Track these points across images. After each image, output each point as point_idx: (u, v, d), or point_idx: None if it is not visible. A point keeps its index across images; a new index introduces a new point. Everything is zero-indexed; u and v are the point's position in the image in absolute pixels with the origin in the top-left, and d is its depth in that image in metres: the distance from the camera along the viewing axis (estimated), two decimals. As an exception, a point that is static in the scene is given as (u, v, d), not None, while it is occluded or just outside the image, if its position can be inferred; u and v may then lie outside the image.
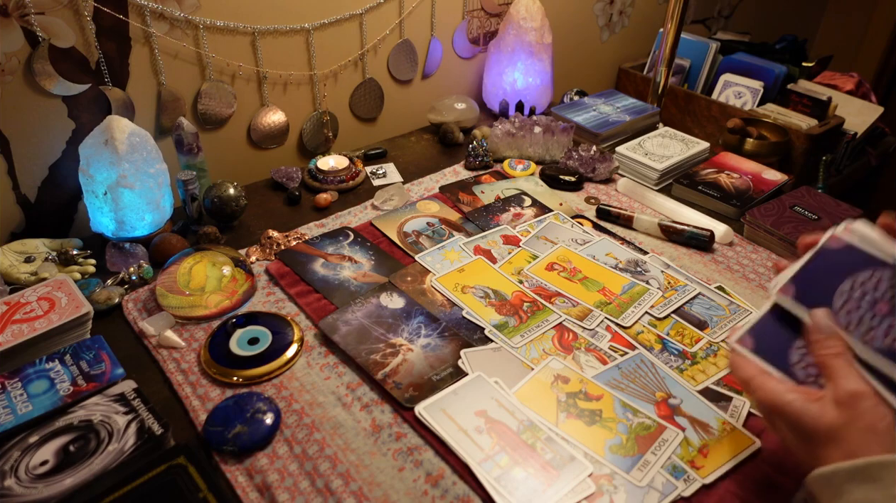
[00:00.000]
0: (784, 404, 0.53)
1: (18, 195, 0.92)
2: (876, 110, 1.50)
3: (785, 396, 0.53)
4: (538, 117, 1.19)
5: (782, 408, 0.53)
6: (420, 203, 1.03)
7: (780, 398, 0.53)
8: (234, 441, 0.62)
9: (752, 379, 0.56)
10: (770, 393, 0.54)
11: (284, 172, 1.09)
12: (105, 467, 0.58)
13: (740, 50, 1.58)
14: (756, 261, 0.93)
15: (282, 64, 1.09)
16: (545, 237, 0.95)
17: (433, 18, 1.26)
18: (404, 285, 0.84)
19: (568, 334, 0.77)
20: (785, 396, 0.53)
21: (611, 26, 1.65)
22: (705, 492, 0.60)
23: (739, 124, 1.28)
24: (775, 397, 0.53)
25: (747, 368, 0.57)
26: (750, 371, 0.56)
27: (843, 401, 0.50)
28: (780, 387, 0.54)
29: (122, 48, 0.93)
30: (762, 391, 0.54)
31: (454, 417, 0.65)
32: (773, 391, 0.54)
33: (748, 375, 0.56)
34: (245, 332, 0.76)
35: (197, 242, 0.92)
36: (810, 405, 0.51)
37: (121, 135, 0.83)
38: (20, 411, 0.63)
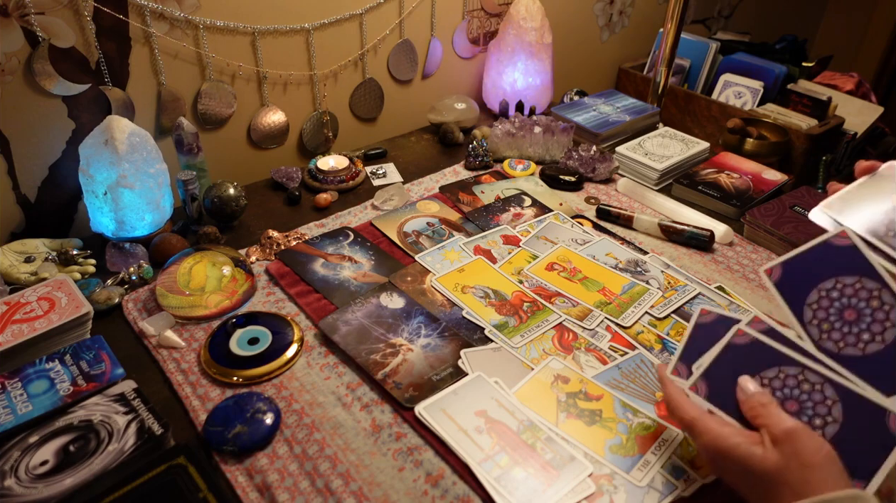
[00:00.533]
0: (729, 448, 0.52)
1: (18, 195, 0.92)
2: (876, 110, 1.50)
3: (730, 440, 0.53)
4: (538, 117, 1.19)
5: (728, 452, 0.52)
6: (420, 203, 1.03)
7: (724, 442, 0.53)
8: (234, 441, 0.62)
9: (694, 421, 0.55)
10: (715, 437, 0.53)
11: (284, 172, 1.09)
12: (105, 467, 0.58)
13: (740, 50, 1.58)
14: (756, 261, 0.93)
15: (282, 64, 1.09)
16: (545, 237, 0.95)
17: (433, 18, 1.26)
18: (404, 285, 0.84)
19: (568, 334, 0.77)
20: (730, 440, 0.53)
21: (611, 26, 1.65)
22: (705, 492, 0.60)
23: (739, 124, 1.28)
24: (720, 442, 0.53)
25: (689, 410, 0.56)
26: (692, 412, 0.56)
27: (781, 440, 0.51)
28: (724, 430, 0.54)
29: (122, 48, 0.93)
30: (707, 435, 0.54)
31: (454, 417, 0.65)
32: (717, 435, 0.53)
33: (690, 417, 0.56)
34: (245, 332, 0.76)
35: (197, 242, 0.92)
36: (754, 448, 0.51)
37: (121, 135, 0.83)
38: (20, 411, 0.63)
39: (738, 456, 0.52)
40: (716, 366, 0.60)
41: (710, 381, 0.59)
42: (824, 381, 0.55)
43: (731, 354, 0.60)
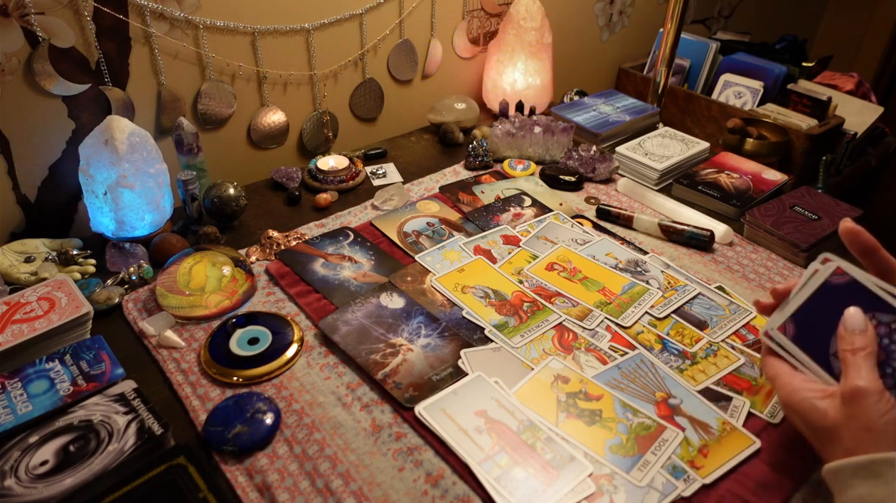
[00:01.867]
0: (798, 401, 0.55)
1: (18, 195, 0.92)
2: (876, 110, 1.50)
3: (800, 393, 0.55)
4: (538, 117, 1.19)
5: (797, 404, 0.55)
6: (420, 203, 1.03)
7: (795, 395, 0.56)
8: (234, 441, 0.62)
9: (776, 377, 0.58)
10: (790, 390, 0.56)
11: (284, 172, 1.09)
12: (105, 467, 0.58)
13: (740, 50, 1.58)
14: (756, 261, 0.93)
15: (282, 64, 1.09)
16: (545, 237, 0.95)
17: (433, 18, 1.26)
18: (404, 285, 0.84)
19: (568, 334, 0.77)
20: (800, 393, 0.55)
21: (611, 26, 1.65)
22: (705, 492, 0.59)
23: (739, 124, 1.28)
24: (792, 395, 0.56)
25: (776, 366, 0.59)
26: (776, 369, 0.59)
27: (847, 398, 0.52)
28: (800, 384, 0.56)
29: (122, 48, 0.93)
30: (784, 389, 0.57)
31: (454, 417, 0.65)
32: (794, 389, 0.56)
33: (774, 373, 0.59)
34: (245, 332, 0.76)
35: (197, 242, 0.92)
36: (819, 402, 0.54)
37: (121, 135, 0.83)
38: (20, 411, 0.63)
39: (804, 410, 0.55)
40: (807, 307, 0.58)
41: (799, 322, 0.58)
42: None
43: (825, 295, 0.57)
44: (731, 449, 0.63)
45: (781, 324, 0.59)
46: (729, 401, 0.69)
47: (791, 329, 0.58)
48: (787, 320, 0.59)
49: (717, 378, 0.72)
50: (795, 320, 0.58)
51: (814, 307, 0.58)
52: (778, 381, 0.58)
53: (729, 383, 0.71)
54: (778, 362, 0.59)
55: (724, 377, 0.72)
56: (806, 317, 0.58)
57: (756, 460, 0.63)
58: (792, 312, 0.58)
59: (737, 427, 0.66)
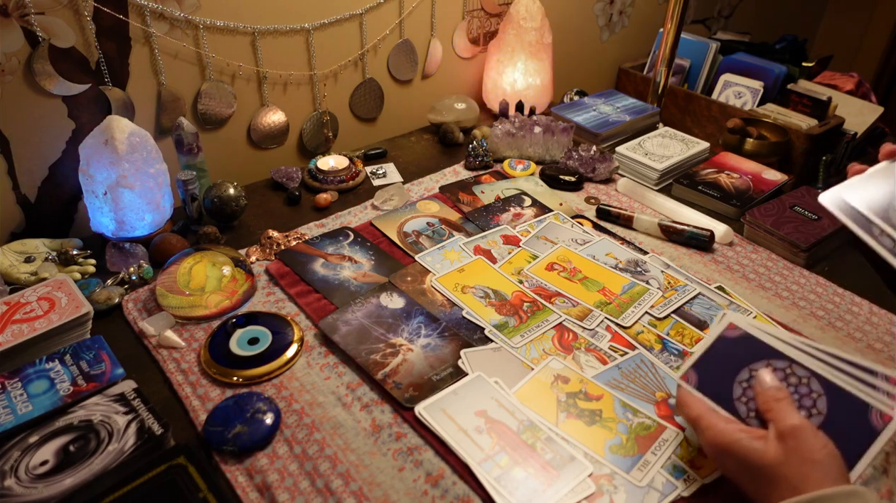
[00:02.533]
0: (731, 443, 0.54)
1: (18, 195, 0.92)
2: (876, 110, 1.49)
3: (730, 434, 0.54)
4: (538, 117, 1.19)
5: (729, 446, 0.54)
6: (420, 203, 1.03)
7: (727, 437, 0.54)
8: (234, 441, 0.62)
9: (699, 418, 0.57)
10: (719, 433, 0.55)
11: (284, 172, 1.09)
12: (105, 467, 0.58)
13: (740, 50, 1.58)
14: (756, 261, 0.93)
15: (282, 64, 1.09)
16: (545, 237, 0.95)
17: (433, 18, 1.26)
18: (404, 285, 0.84)
19: (568, 334, 0.77)
20: (730, 434, 0.54)
21: (611, 26, 1.65)
22: (705, 492, 0.59)
23: (739, 124, 1.28)
24: (723, 437, 0.55)
25: (695, 406, 0.59)
26: (698, 409, 0.58)
27: (785, 435, 0.52)
28: (728, 426, 0.55)
29: (122, 48, 0.93)
30: (711, 431, 0.56)
31: (454, 417, 0.65)
32: (721, 431, 0.55)
33: (696, 414, 0.58)
34: (245, 332, 0.76)
35: (197, 242, 0.92)
36: (755, 443, 0.53)
37: (121, 135, 0.83)
38: (20, 411, 0.63)
39: (740, 450, 0.53)
40: (707, 358, 0.62)
41: (701, 372, 0.61)
42: (811, 376, 0.57)
43: (721, 346, 0.62)
44: (731, 449, 0.63)
45: (684, 373, 0.62)
46: (729, 401, 0.69)
47: (694, 377, 0.61)
48: (688, 370, 0.62)
49: (717, 378, 0.72)
50: (697, 370, 0.62)
51: (712, 357, 0.62)
52: (702, 422, 0.57)
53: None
54: (698, 402, 0.59)
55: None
56: (706, 367, 0.61)
57: (756, 460, 0.63)
58: (692, 363, 0.62)
59: (737, 427, 0.66)
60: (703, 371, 0.61)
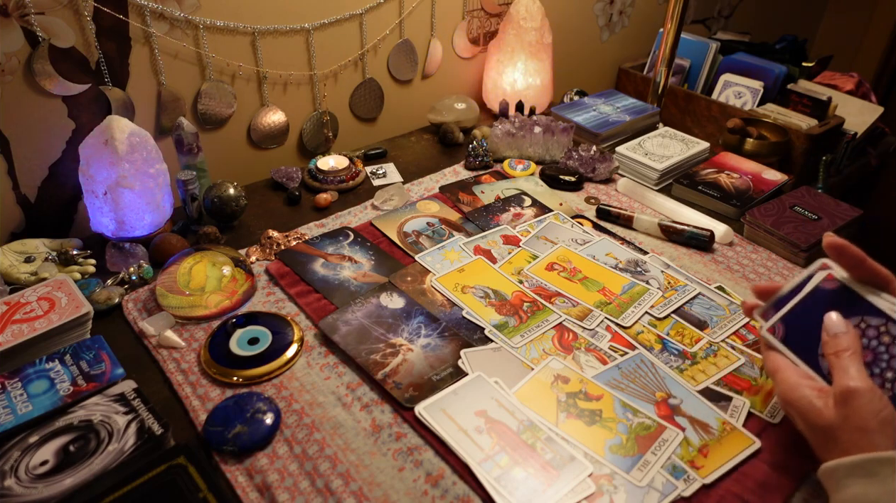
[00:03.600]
0: (796, 399, 0.56)
1: (18, 195, 0.92)
2: (876, 110, 1.50)
3: (798, 391, 0.56)
4: (538, 117, 1.19)
5: (795, 401, 0.56)
6: (420, 203, 1.03)
7: (794, 393, 0.56)
8: (234, 441, 0.62)
9: (776, 371, 0.59)
10: (789, 387, 0.57)
11: (284, 172, 1.09)
12: (105, 467, 0.58)
13: (740, 50, 1.58)
14: (756, 261, 0.93)
15: (282, 64, 1.09)
16: (545, 237, 0.95)
17: (433, 18, 1.26)
18: (404, 285, 0.84)
19: (568, 334, 0.77)
20: (798, 391, 0.56)
21: (611, 26, 1.65)
22: (705, 492, 0.59)
23: (739, 124, 1.28)
24: (791, 391, 0.56)
25: (776, 361, 0.60)
26: (776, 363, 0.59)
27: (840, 399, 0.53)
28: (799, 381, 0.57)
29: (122, 48, 0.93)
30: (783, 385, 0.57)
31: (454, 417, 0.65)
32: (791, 386, 0.57)
33: (775, 367, 0.59)
34: (245, 332, 0.76)
35: (197, 242, 0.92)
36: (816, 401, 0.54)
37: (121, 135, 0.83)
38: (20, 411, 0.63)
39: (802, 407, 0.55)
40: (798, 310, 0.60)
41: (790, 325, 0.60)
42: None
43: (815, 299, 0.59)
44: (731, 449, 0.63)
45: (772, 325, 0.61)
46: (729, 401, 0.69)
47: (781, 331, 0.60)
48: (776, 322, 0.61)
49: (717, 378, 0.72)
50: (786, 322, 0.60)
51: (804, 310, 0.60)
52: (778, 376, 0.58)
53: (729, 383, 0.71)
54: (778, 357, 0.60)
55: (724, 377, 0.72)
56: (795, 320, 0.60)
57: (756, 460, 0.63)
58: (782, 315, 0.61)
59: (737, 427, 0.66)
60: (793, 323, 0.59)
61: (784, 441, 0.64)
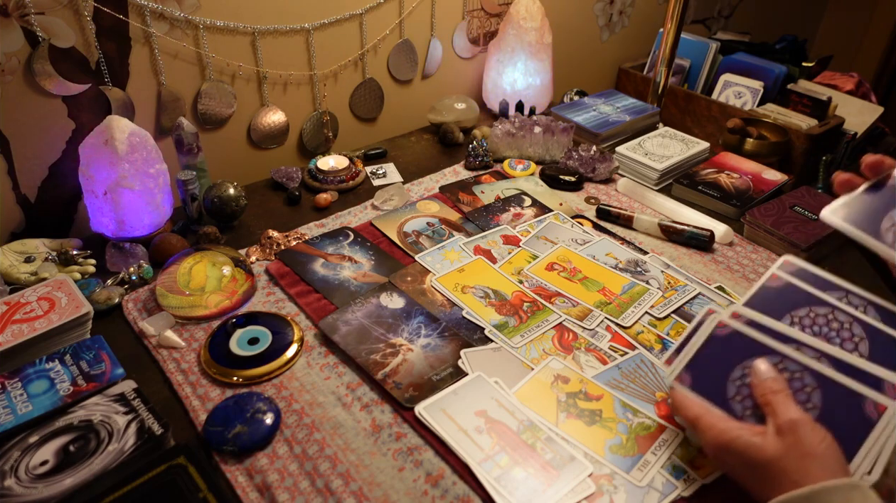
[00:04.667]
0: (730, 440, 0.54)
1: (18, 195, 0.92)
2: (876, 110, 1.50)
3: (730, 433, 0.54)
4: (538, 117, 1.19)
5: (729, 444, 0.54)
6: (420, 203, 1.03)
7: (726, 435, 0.54)
8: (234, 441, 0.62)
9: (698, 419, 0.57)
10: (719, 432, 0.55)
11: (284, 172, 1.09)
12: (105, 467, 0.58)
13: (740, 50, 1.58)
14: (756, 261, 0.93)
15: (282, 64, 1.09)
16: (545, 237, 0.95)
17: (433, 18, 1.26)
18: (404, 285, 0.84)
19: (568, 334, 0.77)
20: (730, 433, 0.54)
21: (611, 26, 1.65)
22: (705, 492, 0.60)
23: (739, 124, 1.28)
24: (723, 435, 0.55)
25: (692, 408, 0.58)
26: (695, 411, 0.58)
27: (784, 430, 0.52)
28: (727, 424, 0.55)
29: (122, 48, 0.93)
30: (711, 431, 0.56)
31: (454, 417, 0.65)
32: (721, 430, 0.55)
33: (694, 415, 0.58)
34: (245, 332, 0.76)
35: (197, 242, 0.92)
36: (754, 439, 0.53)
37: (121, 135, 0.83)
38: (20, 411, 0.63)
39: (739, 447, 0.53)
40: (698, 358, 0.61)
41: (694, 372, 0.61)
42: (803, 370, 0.57)
43: (712, 345, 0.61)
44: (731, 449, 0.63)
45: (678, 374, 0.62)
46: (729, 401, 0.69)
47: (687, 379, 0.61)
48: (682, 371, 0.62)
49: (717, 378, 0.72)
50: (690, 371, 0.61)
51: (704, 357, 0.61)
52: (702, 423, 0.57)
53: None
54: (695, 403, 0.59)
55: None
56: (698, 368, 0.61)
57: (756, 460, 0.63)
58: (685, 364, 0.62)
59: (737, 427, 0.66)
60: (696, 372, 0.61)
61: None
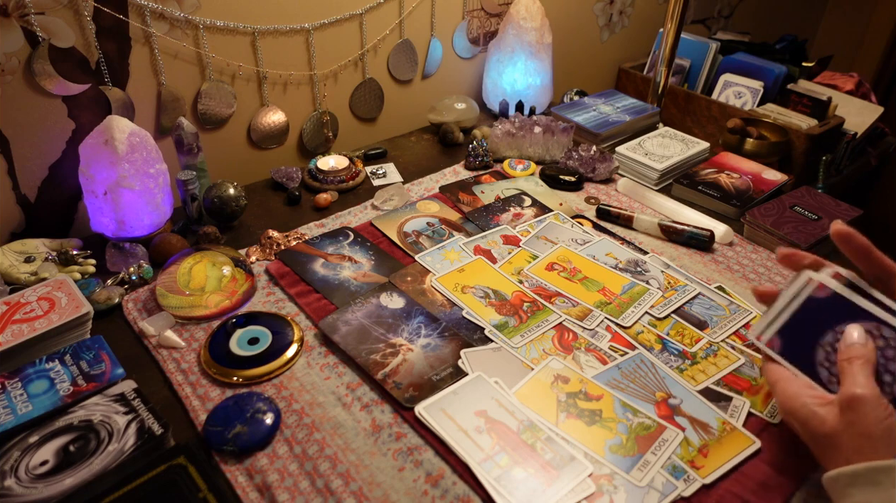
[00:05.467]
0: (797, 408, 0.56)
1: (18, 195, 0.92)
2: (876, 110, 1.50)
3: (799, 399, 0.56)
4: (538, 117, 1.19)
5: (796, 410, 0.56)
6: (420, 203, 1.03)
7: (794, 401, 0.56)
8: (234, 441, 0.62)
9: (776, 382, 0.59)
10: (789, 397, 0.57)
11: (284, 172, 1.09)
12: (105, 467, 0.58)
13: (740, 50, 1.58)
14: (756, 261, 0.93)
15: (282, 64, 1.09)
16: (545, 237, 0.95)
17: (433, 18, 1.26)
18: (404, 285, 0.84)
19: (568, 334, 0.77)
20: (799, 399, 0.56)
21: (611, 26, 1.65)
22: (705, 492, 0.59)
23: (739, 124, 1.28)
24: (791, 401, 0.56)
25: (775, 371, 0.60)
26: (777, 374, 0.59)
27: (845, 405, 0.52)
28: (799, 390, 0.57)
29: (122, 48, 0.93)
30: (783, 395, 0.58)
31: (454, 417, 0.65)
32: (791, 395, 0.57)
33: (775, 378, 0.59)
34: (245, 332, 0.76)
35: (197, 242, 0.92)
36: (818, 409, 0.54)
37: (121, 135, 0.83)
38: (20, 411, 0.63)
39: (803, 416, 0.55)
40: (793, 322, 0.60)
41: (785, 337, 0.60)
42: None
43: (808, 309, 0.60)
44: (731, 449, 0.63)
45: (769, 339, 0.61)
46: (729, 401, 0.69)
47: (777, 343, 0.61)
48: (773, 335, 0.61)
49: (717, 378, 0.72)
50: (781, 335, 0.61)
51: (798, 322, 0.60)
52: (778, 386, 0.59)
53: (729, 383, 0.71)
54: (776, 367, 0.60)
55: (724, 377, 0.72)
56: (791, 332, 0.61)
57: (756, 460, 0.63)
58: (778, 328, 0.61)
59: (737, 427, 0.66)
60: (787, 335, 0.60)
61: (784, 441, 0.64)
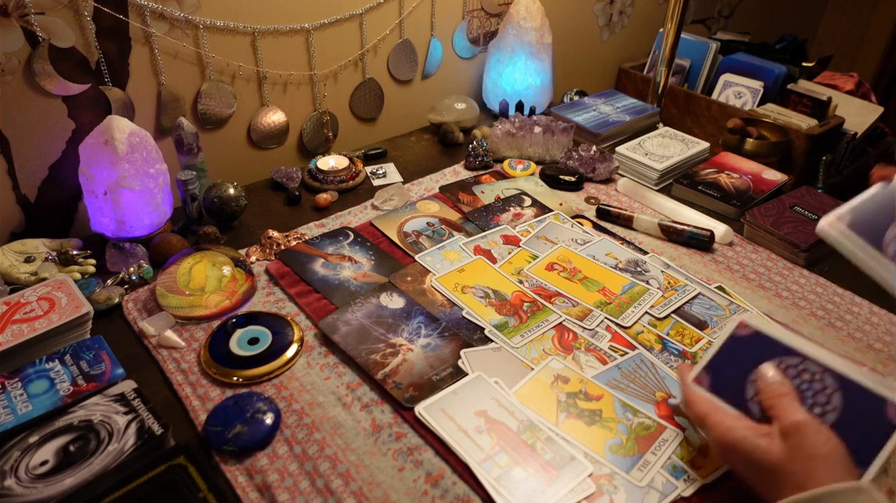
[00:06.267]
0: (737, 441, 0.54)
1: (18, 195, 0.92)
2: (876, 110, 1.50)
3: (737, 432, 0.55)
4: (538, 117, 1.19)
5: (735, 444, 0.54)
6: (420, 203, 1.03)
7: (733, 435, 0.55)
8: (234, 441, 0.62)
9: (707, 415, 0.58)
10: (725, 430, 0.56)
11: (284, 172, 1.09)
12: (105, 467, 0.58)
13: (740, 50, 1.58)
14: (756, 261, 0.93)
15: (282, 64, 1.09)
16: (545, 237, 0.95)
17: (433, 18, 1.26)
18: (404, 285, 0.84)
19: (568, 334, 0.77)
20: (737, 432, 0.55)
21: (611, 26, 1.65)
22: (705, 492, 0.60)
23: (739, 124, 1.28)
24: (729, 434, 0.55)
25: (702, 405, 0.59)
26: (704, 408, 0.59)
27: (788, 432, 0.52)
28: (734, 423, 0.56)
29: (122, 48, 0.93)
30: (718, 428, 0.56)
31: (454, 417, 0.65)
32: (727, 428, 0.55)
33: (703, 412, 0.58)
34: (245, 332, 0.76)
35: (197, 242, 0.92)
36: (760, 440, 0.53)
37: (121, 135, 0.83)
38: (20, 411, 0.63)
39: (745, 448, 0.54)
40: (718, 359, 0.61)
41: (714, 374, 0.61)
42: (824, 371, 0.57)
43: (733, 347, 0.62)
44: (731, 449, 0.63)
45: (696, 376, 0.62)
46: (729, 401, 0.69)
47: (706, 380, 0.61)
48: (700, 372, 0.62)
49: (717, 378, 0.72)
50: (709, 372, 0.62)
51: (724, 359, 0.62)
52: (709, 420, 0.57)
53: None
54: (703, 400, 0.59)
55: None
56: (718, 369, 0.62)
57: (756, 460, 0.63)
58: (704, 365, 0.62)
59: (737, 427, 0.66)
60: (716, 373, 0.61)
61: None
